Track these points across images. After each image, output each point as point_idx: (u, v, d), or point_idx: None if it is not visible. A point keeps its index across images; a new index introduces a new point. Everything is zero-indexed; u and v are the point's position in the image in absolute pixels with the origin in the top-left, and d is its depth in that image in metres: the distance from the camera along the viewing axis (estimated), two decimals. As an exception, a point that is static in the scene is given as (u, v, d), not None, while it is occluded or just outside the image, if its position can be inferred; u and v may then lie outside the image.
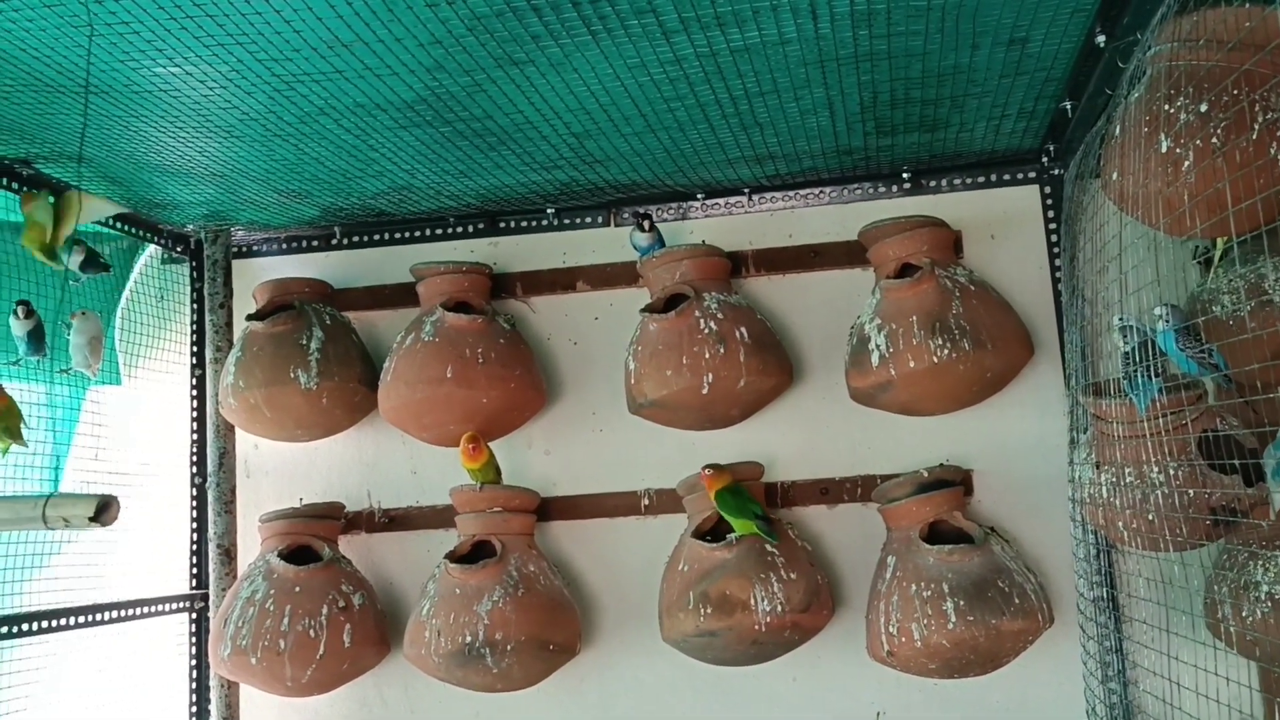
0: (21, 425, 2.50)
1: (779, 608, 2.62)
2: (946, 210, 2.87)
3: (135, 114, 2.27)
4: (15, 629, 2.50)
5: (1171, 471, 1.98)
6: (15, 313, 2.53)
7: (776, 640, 2.67)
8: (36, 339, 2.59)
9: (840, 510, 2.92)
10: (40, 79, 2.08)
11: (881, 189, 2.99)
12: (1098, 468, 2.18)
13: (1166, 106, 1.81)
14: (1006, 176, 2.93)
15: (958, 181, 2.95)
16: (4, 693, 2.56)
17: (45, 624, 2.59)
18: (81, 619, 2.70)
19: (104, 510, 1.37)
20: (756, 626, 2.62)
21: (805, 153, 2.72)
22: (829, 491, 2.92)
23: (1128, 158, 1.87)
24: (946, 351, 2.60)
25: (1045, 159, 2.87)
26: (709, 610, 2.63)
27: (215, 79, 2.10)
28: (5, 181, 2.57)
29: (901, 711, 2.84)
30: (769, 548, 2.68)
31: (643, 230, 2.93)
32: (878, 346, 2.67)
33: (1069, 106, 2.47)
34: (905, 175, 2.95)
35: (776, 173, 2.87)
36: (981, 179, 2.94)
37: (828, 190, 3.00)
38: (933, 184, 2.96)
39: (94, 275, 2.84)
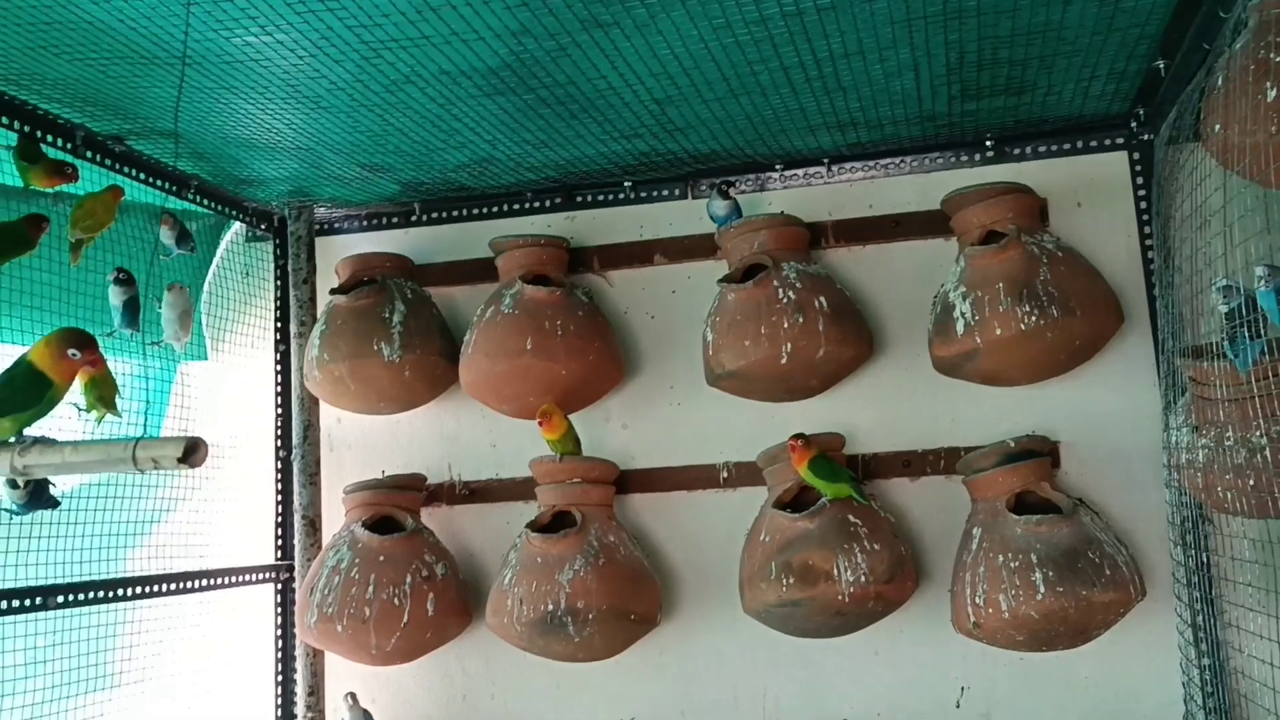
0: (116, 397, 2.55)
1: (862, 578, 2.59)
2: (1031, 178, 2.82)
3: (226, 85, 2.31)
4: (110, 594, 2.57)
5: (1277, 434, 1.92)
6: (116, 278, 2.58)
7: (860, 611, 2.64)
8: (132, 311, 2.65)
9: (923, 483, 2.88)
10: (136, 50, 2.13)
11: (963, 157, 2.94)
12: (1196, 431, 2.12)
13: (1274, 55, 1.76)
14: (1094, 143, 2.87)
15: (1043, 149, 2.90)
16: (106, 654, 2.63)
17: (138, 590, 2.65)
18: (172, 586, 2.77)
19: (192, 452, 1.39)
20: (840, 597, 2.59)
21: (888, 119, 2.69)
22: (911, 464, 2.89)
23: (1231, 108, 1.82)
24: (1034, 318, 2.55)
25: (1134, 124, 2.80)
26: (791, 581, 2.62)
27: (305, 46, 2.12)
28: (99, 158, 2.64)
29: (986, 686, 2.80)
30: (852, 519, 2.66)
31: (723, 198, 2.92)
32: (963, 314, 2.63)
33: (1162, 66, 2.41)
34: (988, 143, 2.90)
35: (857, 140, 2.84)
36: (1067, 145, 2.88)
37: (908, 159, 2.97)
38: (1016, 151, 2.91)
39: (184, 253, 2.90)
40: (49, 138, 2.48)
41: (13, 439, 1.54)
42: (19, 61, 2.19)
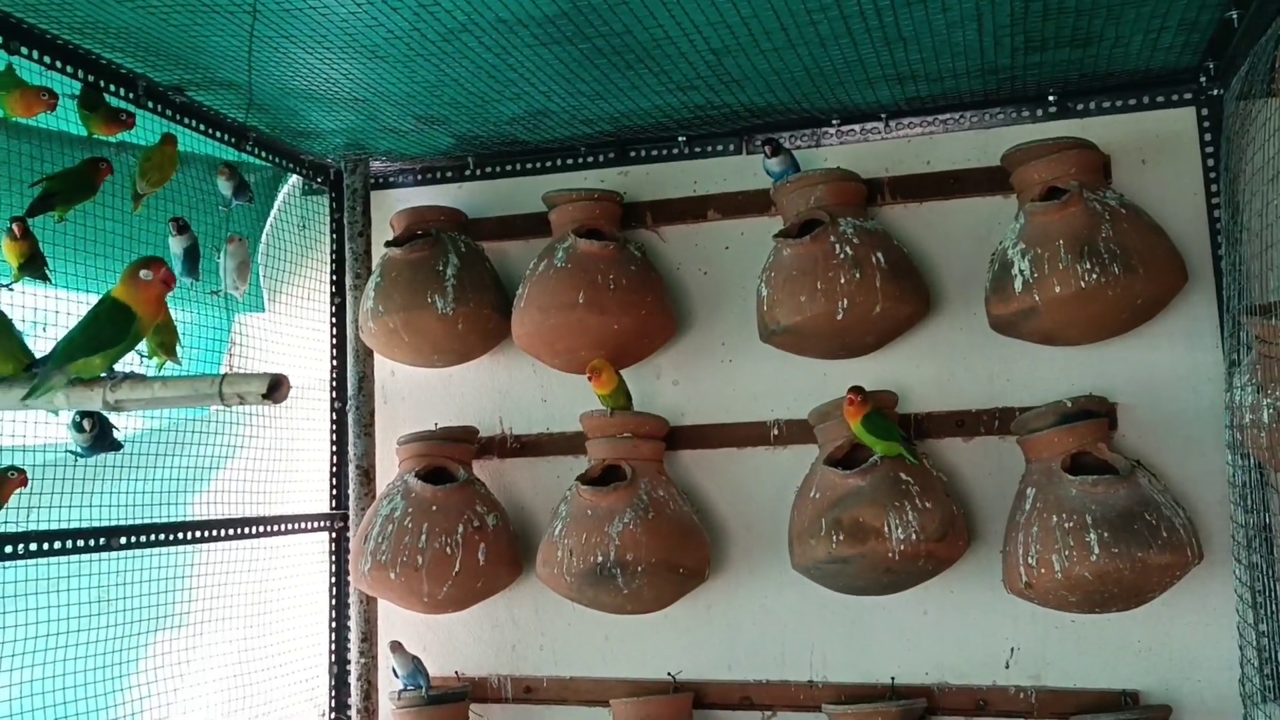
0: (177, 344, 2.60)
1: (913, 536, 2.58)
2: (1095, 134, 2.76)
3: (286, 35, 2.32)
4: (172, 537, 2.62)
5: (1345, 392, 1.88)
6: (175, 227, 2.62)
7: (910, 570, 2.63)
8: (191, 259, 2.69)
9: (976, 443, 2.85)
10: (198, -2, 2.15)
11: (1025, 112, 2.88)
12: (1261, 391, 2.08)
13: (1354, -1, 1.70)
14: (1160, 98, 2.80)
15: (1107, 104, 2.83)
16: (171, 595, 2.69)
17: (199, 534, 2.71)
18: (231, 531, 2.83)
19: (275, 388, 1.42)
20: (890, 554, 2.58)
21: (948, 72, 2.64)
22: (965, 423, 2.86)
23: (1308, 56, 1.76)
24: (1095, 276, 2.51)
25: (1204, 78, 2.73)
26: (841, 537, 2.61)
27: (363, -7, 2.13)
28: (160, 108, 2.66)
29: (1037, 647, 2.78)
30: (903, 476, 2.64)
31: (769, 156, 2.88)
32: (1021, 272, 2.59)
33: (1235, 16, 2.34)
34: (1051, 97, 2.84)
35: (916, 94, 2.80)
36: (1133, 101, 2.81)
37: (968, 114, 2.91)
38: (1080, 107, 2.85)
39: (243, 204, 2.93)
40: (111, 87, 2.51)
41: (104, 374, 1.57)
42: (82, 9, 2.22)
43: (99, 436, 2.42)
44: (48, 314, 2.44)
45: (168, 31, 2.32)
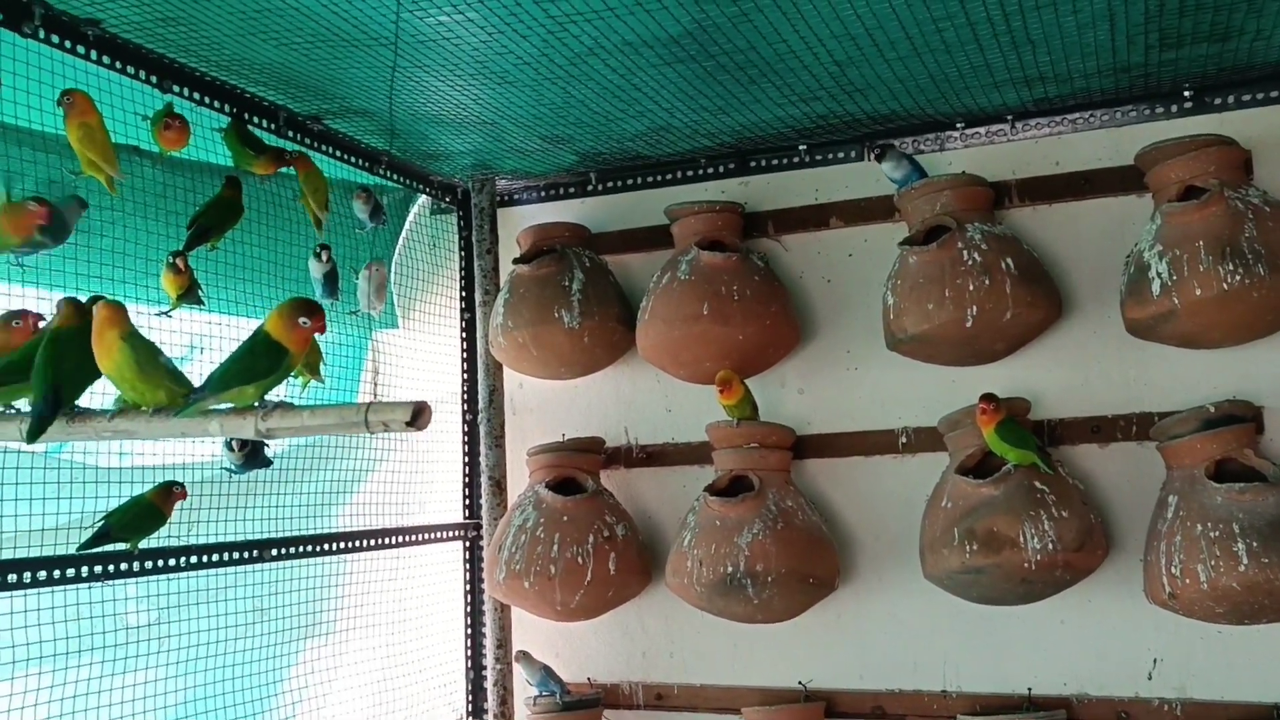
0: (321, 364, 2.71)
1: (1049, 545, 2.54)
2: (1233, 129, 2.67)
3: (419, 64, 2.41)
4: (317, 548, 2.74)
5: None
6: (316, 255, 2.73)
7: (1046, 579, 2.59)
8: (331, 282, 2.80)
9: (1113, 449, 2.79)
10: (339, 33, 2.24)
11: (1159, 109, 2.81)
12: None
13: None
14: (1305, 90, 2.70)
15: (1246, 97, 2.73)
16: (319, 604, 2.81)
17: (342, 545, 2.83)
18: (371, 542, 2.94)
19: (418, 416, 1.48)
20: (1025, 564, 2.55)
21: (1078, 73, 2.59)
22: (1101, 429, 2.79)
23: None
24: (1239, 277, 2.43)
25: (1352, 67, 2.62)
26: (975, 547, 2.58)
27: (494, 22, 2.19)
28: (298, 137, 2.78)
29: (1181, 659, 2.70)
30: (1038, 485, 2.60)
31: (879, 161, 2.86)
32: (1159, 274, 2.52)
33: (1386, 4, 2.24)
34: (1186, 93, 2.76)
35: (1044, 95, 2.75)
36: (1275, 94, 2.71)
37: (1099, 113, 2.85)
38: (1217, 101, 2.76)
39: (377, 226, 3.04)
40: (256, 119, 2.63)
41: (256, 404, 1.66)
42: (230, 47, 2.34)
43: (251, 455, 2.54)
44: (202, 338, 2.58)
45: (309, 65, 2.43)
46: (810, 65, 2.46)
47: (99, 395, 1.96)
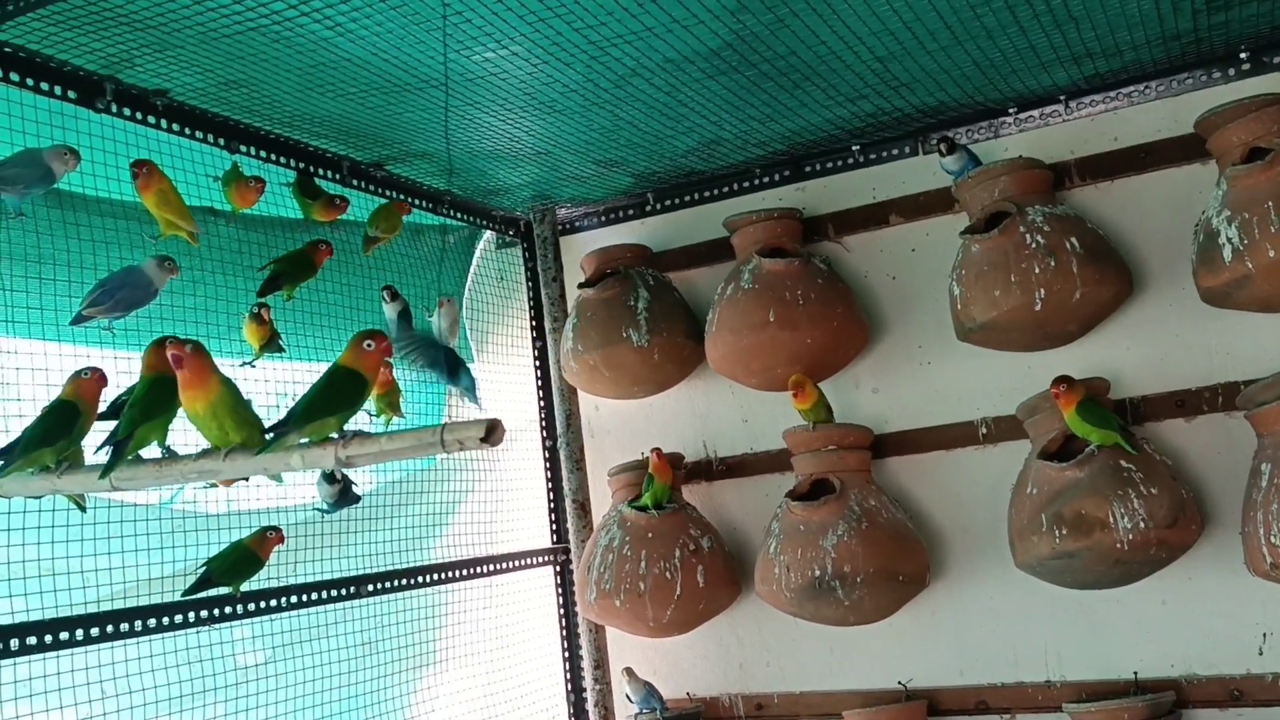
0: (401, 399, 2.79)
1: (1141, 524, 2.49)
2: (1296, 86, 2.62)
3: (470, 102, 2.48)
4: (411, 581, 2.81)
5: None
6: (384, 297, 2.81)
7: (1141, 559, 2.54)
8: (405, 321, 2.88)
9: (1199, 422, 2.73)
10: (390, 80, 2.32)
11: (1215, 74, 2.76)
12: None
13: None
14: (1367, 38, 2.63)
15: (1306, 53, 2.68)
16: (420, 635, 2.88)
17: (436, 576, 2.90)
18: (464, 572, 3.00)
19: (492, 432, 1.52)
20: (1118, 545, 2.50)
21: (1127, 45, 2.57)
22: (1185, 403, 2.74)
23: None
24: (1312, 235, 2.37)
25: None
26: (1064, 531, 2.55)
27: (538, 54, 2.25)
28: (363, 184, 2.88)
29: (1292, 632, 2.63)
30: (1124, 464, 2.56)
31: (943, 154, 2.85)
32: (1229, 240, 2.48)
33: None
34: (1243, 54, 2.71)
35: (1095, 72, 2.73)
36: (1335, 46, 2.66)
37: (1153, 84, 2.81)
38: (1277, 60, 2.70)
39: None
40: (320, 171, 2.73)
41: (335, 434, 1.73)
42: (290, 104, 2.43)
43: (342, 492, 2.62)
44: (285, 384, 2.67)
45: (366, 114, 2.52)
46: (852, 64, 2.48)
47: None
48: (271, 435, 1.78)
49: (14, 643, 1.94)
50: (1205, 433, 2.73)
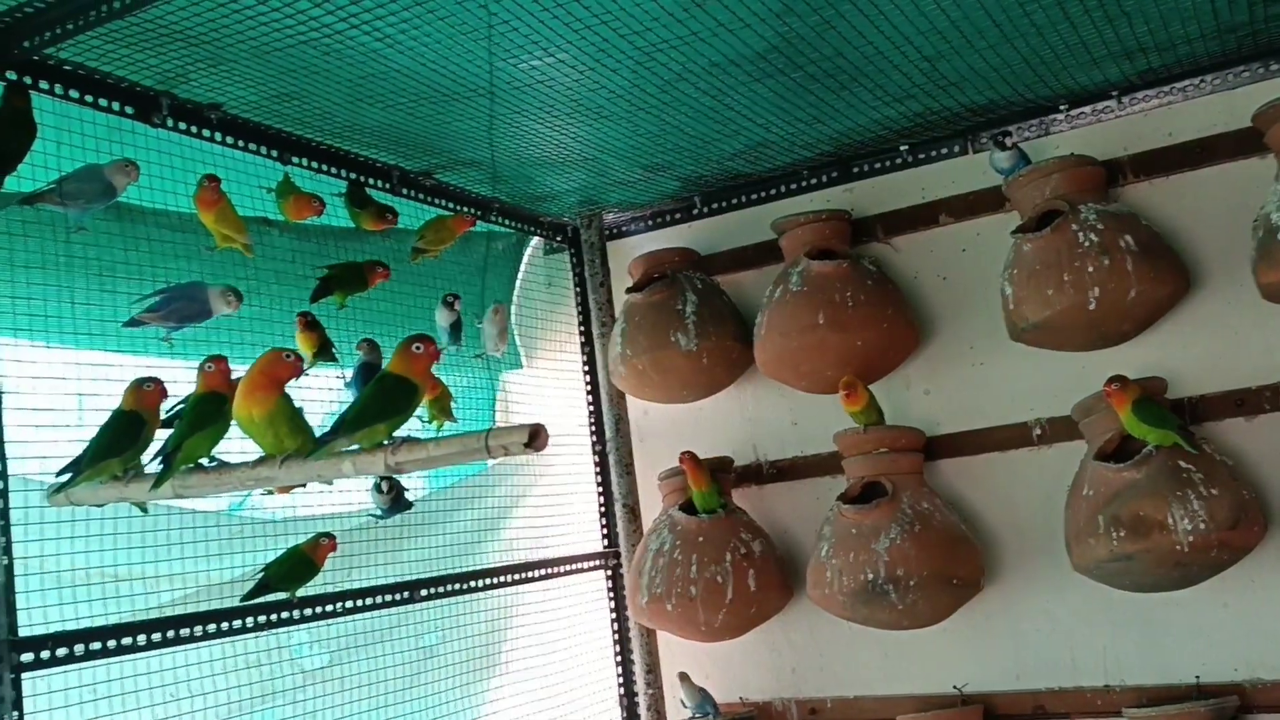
0: (452, 404, 2.81)
1: (1201, 526, 2.45)
2: (1357, 76, 2.57)
3: (518, 110, 2.50)
4: (464, 586, 2.84)
5: None
6: (448, 304, 2.81)
7: (1202, 561, 2.50)
8: (456, 330, 2.90)
9: (1261, 421, 2.68)
10: (438, 90, 2.34)
11: (1274, 66, 2.71)
12: None
13: None
14: None
15: (1367, 42, 2.62)
16: (479, 639, 2.91)
17: (488, 581, 2.92)
18: (515, 576, 3.02)
19: (535, 437, 1.54)
20: (1178, 547, 2.46)
21: (1180, 39, 2.53)
22: (1245, 402, 2.69)
23: None
24: (1377, 229, 2.32)
25: None
26: (1122, 533, 2.51)
27: (584, 61, 2.26)
28: (412, 193, 2.91)
29: (1361, 635, 2.57)
30: (1183, 464, 2.51)
31: (1002, 149, 2.83)
32: (1290, 234, 2.43)
33: None
34: (1301, 46, 2.66)
35: (1148, 67, 2.69)
36: (1397, 34, 2.60)
37: (1209, 78, 2.76)
38: (1336, 50, 2.65)
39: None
40: (370, 180, 2.76)
41: (385, 441, 1.74)
42: (341, 116, 2.47)
43: (394, 499, 2.65)
44: (337, 392, 2.70)
45: (415, 123, 2.54)
46: (900, 64, 2.46)
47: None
48: (320, 442, 1.80)
49: (79, 648, 1.99)
50: (1267, 432, 2.67)
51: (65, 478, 1.92)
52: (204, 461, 1.90)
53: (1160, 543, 2.47)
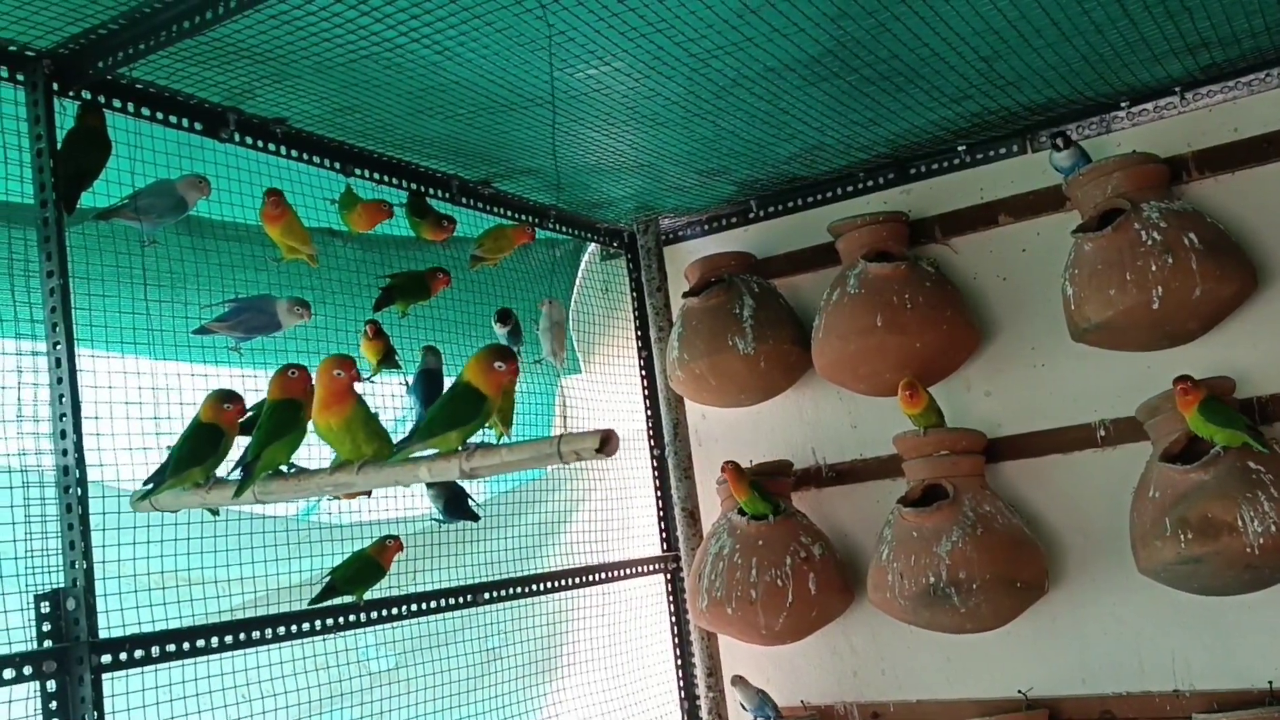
0: (513, 412, 2.84)
1: (1272, 528, 2.40)
2: None
3: (575, 118, 2.53)
4: (525, 589, 2.87)
5: None
6: (498, 319, 2.84)
7: (1273, 564, 2.45)
8: (515, 339, 2.93)
9: (1334, 420, 2.63)
10: (496, 100, 2.38)
11: (1342, 58, 2.66)
12: None
13: None
14: None
15: None
16: (541, 641, 2.94)
17: (548, 584, 2.94)
18: (575, 580, 3.04)
19: (606, 443, 1.56)
20: (1248, 549, 2.42)
21: (1244, 33, 2.49)
22: (1317, 401, 2.64)
23: None
24: None
25: None
26: (1190, 535, 2.47)
27: (639, 69, 2.29)
28: (471, 202, 2.95)
29: None
30: (1253, 465, 2.47)
31: (1062, 148, 2.80)
32: (1361, 230, 2.38)
33: None
34: (1371, 36, 2.60)
35: (1212, 62, 2.64)
36: None
37: (1275, 72, 2.71)
38: None
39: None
40: (431, 190, 2.81)
41: (459, 448, 1.77)
42: (402, 127, 2.52)
43: (452, 505, 2.68)
44: (399, 399, 2.75)
45: (474, 133, 2.58)
46: (956, 65, 2.45)
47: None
48: (396, 448, 1.84)
49: (155, 650, 2.04)
50: (1340, 432, 2.62)
51: (149, 486, 1.99)
52: (283, 468, 1.95)
53: (1230, 545, 2.43)
